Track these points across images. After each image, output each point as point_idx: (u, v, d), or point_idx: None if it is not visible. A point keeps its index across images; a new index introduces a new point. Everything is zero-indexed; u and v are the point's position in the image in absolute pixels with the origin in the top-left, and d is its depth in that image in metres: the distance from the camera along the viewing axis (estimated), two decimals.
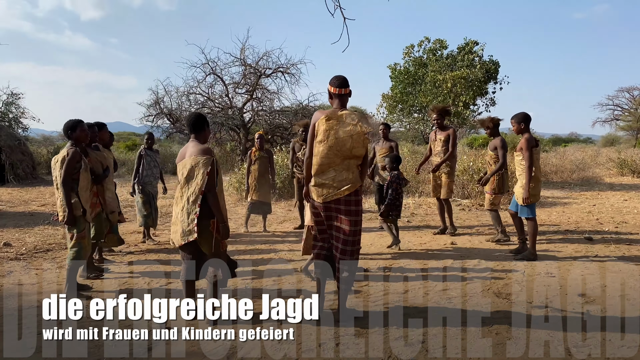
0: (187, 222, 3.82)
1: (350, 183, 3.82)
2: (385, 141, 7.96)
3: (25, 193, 13.44)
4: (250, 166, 7.92)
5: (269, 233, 7.93)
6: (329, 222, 3.94)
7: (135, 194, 7.18)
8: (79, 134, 4.73)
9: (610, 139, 45.10)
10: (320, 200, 3.88)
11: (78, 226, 4.63)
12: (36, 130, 27.92)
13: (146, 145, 7.32)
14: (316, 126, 3.88)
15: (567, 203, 11.15)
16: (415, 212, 9.83)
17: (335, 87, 3.91)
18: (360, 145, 3.82)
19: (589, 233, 7.51)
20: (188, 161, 3.87)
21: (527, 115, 5.92)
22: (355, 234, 3.89)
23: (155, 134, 22.06)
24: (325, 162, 3.83)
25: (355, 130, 3.77)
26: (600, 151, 27.26)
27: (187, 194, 3.85)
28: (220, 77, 20.41)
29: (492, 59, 19.36)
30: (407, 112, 20.44)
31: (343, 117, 3.82)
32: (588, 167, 18.05)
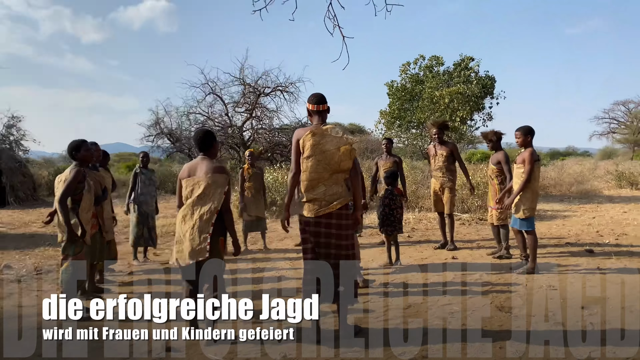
0: (198, 240, 3.77)
1: (341, 197, 3.87)
2: (389, 156, 7.98)
3: (26, 215, 13.44)
4: (244, 183, 7.91)
5: (270, 250, 7.93)
6: (317, 239, 3.91)
7: (130, 212, 7.17)
8: (83, 154, 4.71)
9: (607, 152, 45.24)
10: (311, 214, 3.89)
11: (73, 248, 4.58)
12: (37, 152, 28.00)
13: (141, 164, 7.27)
14: (301, 142, 3.91)
15: (567, 216, 11.16)
16: (416, 227, 9.84)
17: (313, 104, 4.00)
18: (347, 158, 3.87)
19: (590, 245, 7.51)
20: (203, 179, 3.84)
21: (532, 128, 5.96)
22: (347, 247, 3.91)
23: (155, 153, 22.16)
24: (315, 177, 3.86)
25: (341, 142, 3.84)
26: (598, 164, 27.36)
27: (200, 212, 3.81)
28: (219, 96, 20.57)
29: (488, 74, 19.55)
30: (405, 128, 20.55)
31: (327, 131, 3.89)
32: (586, 180, 18.09)
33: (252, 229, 7.95)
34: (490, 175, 6.89)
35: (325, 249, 3.90)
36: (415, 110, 19.56)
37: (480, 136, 8.30)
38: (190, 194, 3.87)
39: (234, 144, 20.34)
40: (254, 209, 7.84)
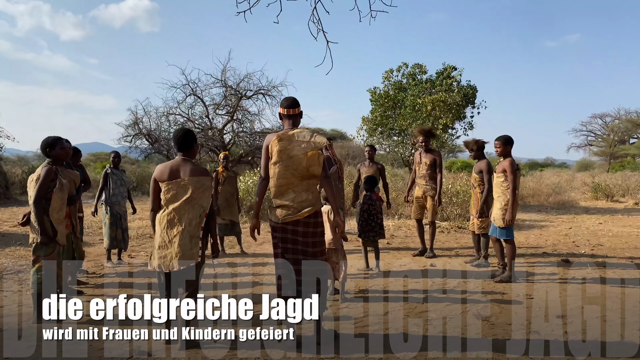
0: (189, 245, 3.68)
1: (311, 205, 3.78)
2: (371, 163, 7.94)
3: None
4: (218, 186, 7.76)
5: (248, 254, 7.84)
6: (284, 245, 3.85)
7: (96, 214, 7.01)
8: (58, 152, 4.57)
9: (584, 164, 46.09)
10: (278, 220, 3.82)
11: (44, 249, 4.43)
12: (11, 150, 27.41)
13: (112, 164, 7.09)
14: (270, 148, 3.82)
15: (544, 226, 11.28)
16: (395, 234, 9.83)
17: (284, 108, 3.92)
18: (316, 163, 3.77)
19: (566, 255, 7.58)
20: (189, 182, 3.72)
21: (511, 138, 5.99)
22: (315, 254, 3.83)
23: (133, 154, 21.83)
24: (284, 182, 3.78)
25: (308, 147, 3.72)
26: (575, 176, 27.81)
27: (189, 216, 3.71)
28: (200, 98, 20.35)
29: (469, 83, 19.73)
30: (386, 135, 20.61)
31: (294, 136, 3.78)
32: (564, 191, 18.38)
33: (227, 233, 7.84)
34: (473, 184, 6.89)
35: (293, 255, 3.84)
36: (397, 118, 19.64)
37: (462, 145, 8.31)
38: (174, 198, 3.72)
39: (214, 146, 20.15)
40: (228, 213, 7.74)
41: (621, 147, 43.72)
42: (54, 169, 4.50)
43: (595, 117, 49.55)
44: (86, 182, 6.43)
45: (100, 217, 7.24)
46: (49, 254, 4.45)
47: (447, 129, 19.20)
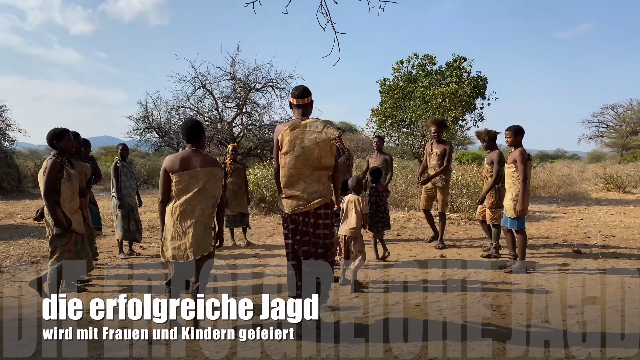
0: (203, 235, 3.71)
1: (321, 196, 3.72)
2: (379, 154, 7.97)
3: (11, 206, 13.25)
4: (226, 178, 7.79)
5: (254, 245, 7.89)
6: (295, 236, 3.81)
7: (114, 207, 6.99)
8: (65, 144, 4.59)
9: (596, 155, 45.68)
10: (288, 211, 3.77)
11: (61, 240, 4.50)
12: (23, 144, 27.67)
13: (120, 157, 7.09)
14: (280, 138, 3.77)
15: (555, 217, 11.22)
16: (405, 226, 9.83)
17: (295, 97, 3.86)
18: (328, 154, 3.70)
19: (577, 246, 7.54)
20: (201, 173, 3.73)
21: (522, 128, 5.95)
22: (325, 246, 3.79)
23: (143, 147, 21.96)
24: (294, 173, 3.72)
25: (320, 137, 3.65)
26: (586, 167, 27.58)
27: (202, 206, 3.73)
28: (209, 91, 20.40)
29: (480, 74, 19.59)
30: (396, 126, 20.54)
31: (307, 125, 3.71)
32: (575, 183, 18.24)
33: (236, 224, 7.88)
34: (485, 175, 6.86)
35: (303, 247, 3.80)
36: (407, 109, 19.56)
37: (472, 137, 8.30)
38: (186, 189, 3.73)
39: (223, 139, 20.21)
40: (236, 205, 7.76)
41: (633, 138, 43.26)
42: (59, 160, 4.53)
43: (607, 108, 49.07)
44: (97, 174, 6.48)
45: (111, 209, 7.28)
46: (65, 244, 4.52)
47: (457, 121, 19.11)
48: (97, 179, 6.51)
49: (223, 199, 3.93)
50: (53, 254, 4.50)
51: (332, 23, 4.70)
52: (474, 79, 19.36)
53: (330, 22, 4.71)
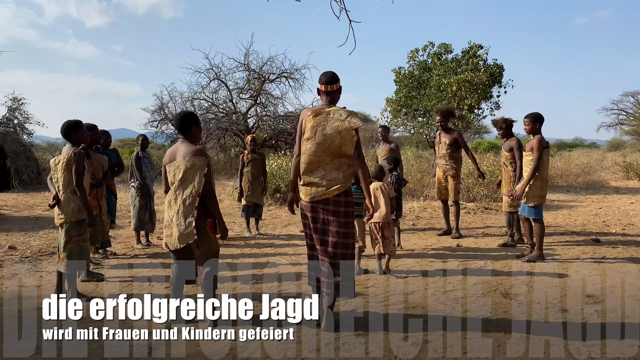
0: (184, 225, 3.75)
1: (340, 183, 3.67)
2: (385, 143, 8.01)
3: (30, 198, 13.47)
4: (243, 168, 7.84)
5: (268, 235, 7.94)
6: (315, 225, 3.75)
7: (132, 197, 6.97)
8: (80, 135, 4.65)
9: (615, 143, 44.85)
10: (307, 199, 3.72)
11: (79, 229, 4.57)
12: (41, 137, 28.07)
13: (140, 147, 7.12)
14: (303, 124, 3.75)
15: (573, 206, 11.08)
16: (421, 216, 9.78)
17: (323, 84, 3.80)
18: (349, 143, 3.65)
19: (596, 235, 7.44)
20: (182, 163, 3.79)
21: (541, 115, 5.86)
22: (346, 235, 3.73)
23: (159, 139, 22.11)
24: (314, 160, 3.69)
25: (343, 126, 3.61)
26: (605, 155, 27.16)
27: (183, 196, 3.77)
28: (224, 82, 20.45)
29: (496, 62, 19.33)
30: (411, 116, 20.39)
31: (330, 113, 3.67)
32: (593, 171, 17.97)
33: (250, 215, 7.94)
34: (504, 163, 6.73)
35: (321, 236, 3.73)
36: (422, 98, 19.40)
37: (488, 125, 8.23)
38: (172, 179, 3.85)
39: (238, 130, 20.27)
40: (250, 195, 7.80)
41: None
42: (80, 151, 4.58)
43: (626, 95, 47.96)
44: (120, 165, 6.54)
45: (129, 199, 7.33)
46: (82, 234, 4.59)
47: (473, 109, 18.90)
48: (119, 171, 6.56)
49: (211, 188, 3.87)
50: (68, 244, 4.55)
51: (346, 11, 4.65)
52: (490, 66, 19.09)
53: (344, 10, 4.66)
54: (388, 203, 5.39)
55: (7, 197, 13.63)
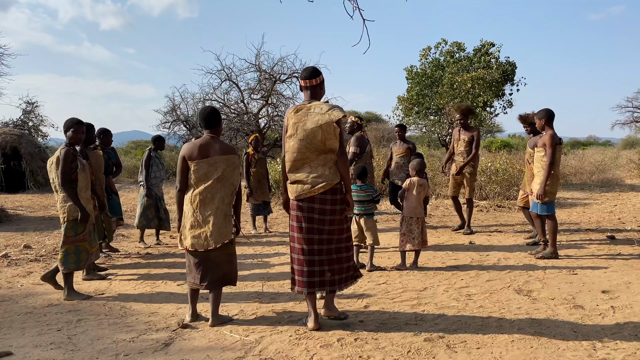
0: (224, 223, 3.70)
1: (326, 180, 3.54)
2: (402, 142, 8.01)
3: (45, 199, 13.61)
4: (250, 168, 7.86)
5: (273, 233, 8.06)
6: (306, 224, 3.60)
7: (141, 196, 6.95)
8: (72, 135, 4.59)
9: (630, 141, 44.18)
10: (293, 197, 3.63)
11: (75, 229, 4.54)
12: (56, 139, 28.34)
13: (153, 147, 7.14)
14: (286, 121, 3.65)
15: (588, 204, 10.95)
16: (432, 213, 9.74)
17: (303, 79, 3.69)
18: (332, 137, 3.52)
19: (611, 232, 7.34)
20: (220, 160, 3.69)
21: (551, 111, 5.78)
22: (340, 232, 3.63)
23: (171, 141, 22.23)
24: (299, 157, 3.57)
25: (323, 119, 3.47)
26: (620, 153, 26.78)
27: (221, 194, 3.71)
28: (235, 83, 20.50)
29: (508, 60, 19.18)
30: (423, 114, 20.30)
31: (311, 108, 3.56)
32: (608, 169, 17.74)
33: (260, 212, 8.03)
34: (528, 160, 6.56)
35: (314, 234, 3.61)
36: (434, 96, 19.30)
37: (500, 124, 8.16)
38: (205, 177, 3.69)
39: (249, 131, 20.31)
40: (261, 194, 7.90)
41: None
42: (71, 150, 4.56)
43: None
44: (117, 165, 6.48)
45: (137, 199, 7.35)
46: (80, 233, 4.57)
47: (487, 107, 18.78)
48: (117, 171, 6.54)
49: (240, 187, 3.90)
50: (65, 244, 4.54)
51: (359, 10, 4.62)
52: (503, 64, 18.96)
53: (357, 9, 4.62)
54: (420, 199, 5.57)
55: (22, 198, 13.79)
